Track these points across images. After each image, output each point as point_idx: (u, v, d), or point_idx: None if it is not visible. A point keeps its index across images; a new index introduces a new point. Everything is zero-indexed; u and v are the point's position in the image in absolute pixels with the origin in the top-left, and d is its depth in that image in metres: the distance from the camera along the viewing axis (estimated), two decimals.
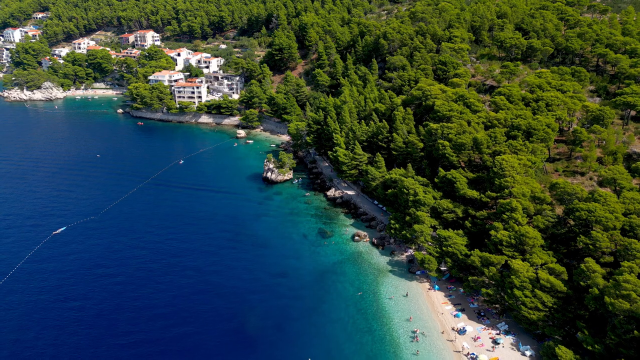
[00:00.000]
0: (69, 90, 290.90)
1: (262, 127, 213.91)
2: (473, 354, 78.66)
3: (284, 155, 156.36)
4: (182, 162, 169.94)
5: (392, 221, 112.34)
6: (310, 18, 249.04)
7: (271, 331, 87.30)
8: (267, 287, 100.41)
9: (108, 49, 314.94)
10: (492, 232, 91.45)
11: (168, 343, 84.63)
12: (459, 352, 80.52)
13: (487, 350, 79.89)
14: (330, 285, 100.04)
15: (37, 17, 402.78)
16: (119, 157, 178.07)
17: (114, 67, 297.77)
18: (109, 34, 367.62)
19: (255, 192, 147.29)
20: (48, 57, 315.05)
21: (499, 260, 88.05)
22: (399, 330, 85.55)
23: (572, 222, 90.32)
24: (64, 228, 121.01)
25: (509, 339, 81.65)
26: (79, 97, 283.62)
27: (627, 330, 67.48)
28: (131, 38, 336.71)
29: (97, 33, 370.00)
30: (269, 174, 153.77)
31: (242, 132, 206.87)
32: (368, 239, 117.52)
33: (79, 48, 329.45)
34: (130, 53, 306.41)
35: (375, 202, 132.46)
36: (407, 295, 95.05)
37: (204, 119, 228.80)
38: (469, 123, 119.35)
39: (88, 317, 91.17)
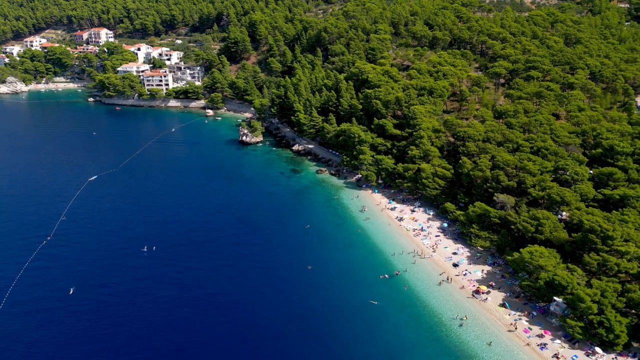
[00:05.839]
0: (31, 84, 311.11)
1: (226, 108, 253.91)
2: (400, 217, 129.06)
3: (255, 123, 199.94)
4: (174, 130, 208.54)
5: (344, 157, 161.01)
6: (259, 16, 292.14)
7: (272, 220, 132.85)
8: (260, 200, 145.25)
9: (64, 45, 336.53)
10: (409, 152, 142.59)
11: (205, 225, 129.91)
12: (387, 210, 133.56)
13: (408, 214, 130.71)
14: (307, 196, 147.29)
15: None
16: (114, 132, 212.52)
17: (74, 62, 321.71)
18: (59, 31, 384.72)
19: (236, 151, 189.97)
20: (3, 54, 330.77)
21: (414, 167, 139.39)
22: (355, 211, 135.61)
23: (457, 142, 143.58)
24: (96, 177, 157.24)
25: (421, 209, 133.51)
26: (43, 90, 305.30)
27: (481, 187, 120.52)
28: (85, 35, 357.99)
29: (47, 31, 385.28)
30: (244, 137, 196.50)
31: (210, 112, 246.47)
32: (327, 172, 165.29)
33: (32, 45, 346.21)
34: (87, 49, 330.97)
35: (331, 150, 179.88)
36: (357, 197, 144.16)
37: (173, 103, 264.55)
38: (392, 88, 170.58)
39: (151, 211, 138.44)
